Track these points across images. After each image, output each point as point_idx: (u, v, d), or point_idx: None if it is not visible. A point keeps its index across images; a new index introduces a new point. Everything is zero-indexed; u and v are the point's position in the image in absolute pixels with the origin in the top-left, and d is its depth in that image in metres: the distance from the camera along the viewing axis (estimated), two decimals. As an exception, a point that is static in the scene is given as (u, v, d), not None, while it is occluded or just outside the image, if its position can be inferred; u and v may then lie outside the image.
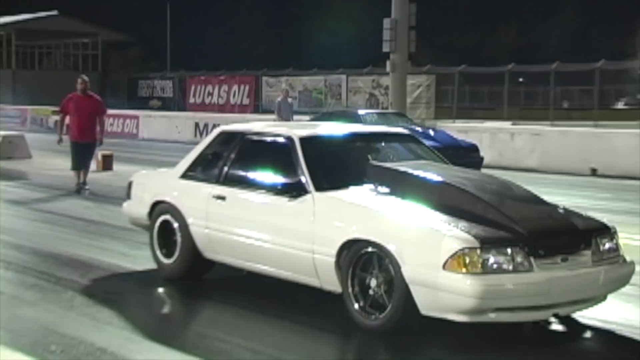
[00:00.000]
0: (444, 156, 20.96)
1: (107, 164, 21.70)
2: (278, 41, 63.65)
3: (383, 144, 9.18)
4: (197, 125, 37.23)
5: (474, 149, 21.64)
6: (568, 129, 26.80)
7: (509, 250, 6.77)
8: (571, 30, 68.60)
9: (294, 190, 7.99)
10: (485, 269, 6.66)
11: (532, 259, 6.80)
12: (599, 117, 29.96)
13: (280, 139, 8.58)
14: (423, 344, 7.04)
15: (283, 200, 8.05)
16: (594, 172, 23.51)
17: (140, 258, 10.34)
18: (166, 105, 47.40)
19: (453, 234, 6.83)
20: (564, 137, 25.41)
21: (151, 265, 9.75)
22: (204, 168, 9.24)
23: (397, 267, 6.98)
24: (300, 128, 9.11)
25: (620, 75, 42.86)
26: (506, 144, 24.77)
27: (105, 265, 10.35)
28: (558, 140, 25.26)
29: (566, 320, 7.56)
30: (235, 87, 45.36)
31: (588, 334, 7.57)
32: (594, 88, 32.85)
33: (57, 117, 21.19)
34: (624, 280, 7.50)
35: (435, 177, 7.88)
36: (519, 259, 6.76)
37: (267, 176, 8.40)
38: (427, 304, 6.86)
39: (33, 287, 9.25)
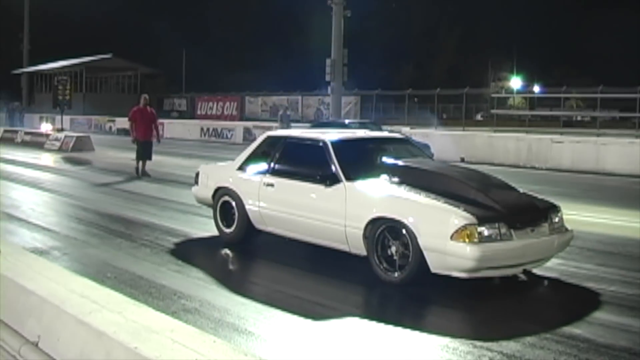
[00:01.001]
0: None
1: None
2: (255, 72, 63.40)
3: (388, 145, 8.49)
4: (202, 129, 36.99)
5: (426, 147, 20.99)
6: (446, 132, 27.02)
7: (496, 225, 6.43)
8: (448, 66, 69.20)
9: (329, 180, 7.40)
10: (481, 239, 6.31)
11: (512, 231, 6.49)
12: (465, 125, 30.21)
13: (316, 143, 7.91)
14: (429, 293, 6.68)
15: (321, 188, 7.45)
16: (462, 160, 23.76)
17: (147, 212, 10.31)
18: (182, 115, 46.86)
19: (458, 213, 6.42)
20: (444, 137, 25.54)
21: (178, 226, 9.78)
22: (256, 163, 8.50)
23: (414, 237, 6.54)
24: (328, 134, 8.30)
25: (478, 97, 43.35)
26: (405, 141, 24.98)
27: (141, 222, 10.36)
28: (440, 139, 25.44)
29: (525, 272, 7.23)
30: (227, 104, 45.06)
31: (542, 281, 7.27)
32: (462, 105, 33.12)
33: (111, 123, 20.96)
34: (567, 244, 7.30)
35: (434, 169, 7.52)
36: (503, 230, 6.44)
37: (307, 169, 7.71)
38: (437, 264, 6.47)
39: (95, 235, 9.29)
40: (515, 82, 63.83)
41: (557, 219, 7.07)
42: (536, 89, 48.76)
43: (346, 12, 27.90)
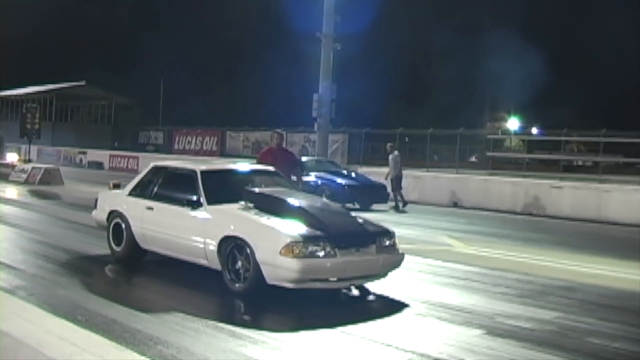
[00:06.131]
0: (362, 192, 21.36)
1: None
2: (237, 106, 63.60)
3: (256, 176, 10.04)
4: (180, 164, 36.91)
5: (383, 187, 21.67)
6: (438, 174, 27.11)
7: (321, 244, 7.81)
8: (442, 106, 69.80)
9: (195, 204, 8.93)
10: (305, 255, 7.69)
11: (336, 249, 7.86)
12: (458, 167, 30.39)
13: (189, 172, 9.50)
14: (267, 301, 7.96)
15: (188, 210, 8.96)
16: (455, 205, 23.88)
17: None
18: (158, 149, 46.85)
19: (286, 233, 7.86)
20: (436, 180, 25.72)
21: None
22: (142, 189, 10.10)
23: (253, 253, 7.99)
24: (201, 164, 10.02)
25: (473, 138, 43.65)
26: (396, 183, 25.03)
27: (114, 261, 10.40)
28: (431, 181, 25.60)
29: (361, 288, 8.74)
30: (207, 138, 45.06)
31: (372, 296, 8.63)
32: (455, 147, 33.36)
33: (82, 155, 20.83)
34: (396, 264, 8.62)
35: (282, 197, 8.80)
36: (328, 249, 7.81)
37: (179, 195, 9.20)
38: (270, 276, 7.86)
39: (64, 274, 9.24)
40: (513, 123, 64.50)
41: (387, 242, 8.46)
42: (534, 130, 49.17)
43: (336, 45, 28.12)
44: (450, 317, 7.69)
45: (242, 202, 8.77)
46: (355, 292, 8.72)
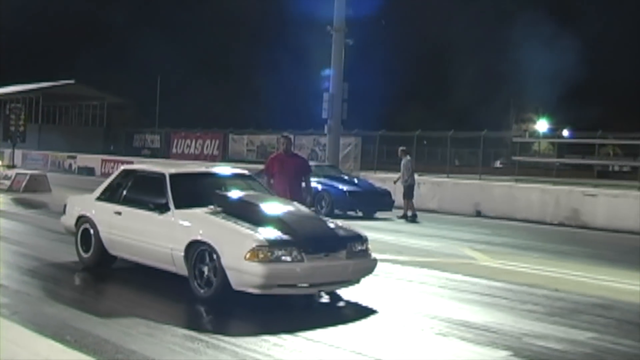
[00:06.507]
0: (365, 199, 21.45)
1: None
2: (241, 106, 63.73)
3: (229, 180, 10.46)
4: (178, 169, 36.90)
5: (387, 193, 21.84)
6: (460, 180, 27.04)
7: (288, 248, 8.22)
8: (464, 106, 69.63)
9: (163, 208, 9.33)
10: (271, 260, 8.09)
11: (303, 254, 8.25)
12: (482, 172, 30.31)
13: (158, 175, 9.92)
14: (234, 309, 8.42)
15: (155, 215, 9.36)
16: (478, 214, 23.81)
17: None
18: (154, 154, 46.96)
19: (251, 237, 8.27)
20: (457, 186, 25.67)
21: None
22: (111, 193, 10.53)
23: (218, 257, 8.35)
24: (171, 167, 10.43)
25: (498, 141, 43.60)
26: (414, 191, 24.85)
27: (106, 275, 10.39)
28: (452, 189, 25.54)
29: (333, 294, 9.18)
30: (207, 142, 45.14)
31: (342, 303, 9.08)
32: (478, 150, 33.28)
33: (72, 160, 20.80)
34: (368, 271, 9.06)
35: (250, 201, 9.20)
36: (294, 253, 8.21)
37: (148, 198, 9.63)
38: (236, 282, 8.24)
39: (51, 290, 9.26)
40: (542, 125, 64.36)
41: (359, 248, 8.87)
42: (565, 132, 49.10)
43: (348, 40, 28.13)
44: (474, 337, 7.64)
45: (212, 207, 9.19)
46: (325, 298, 9.18)
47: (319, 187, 20.44)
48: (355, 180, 22.47)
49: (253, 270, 8.06)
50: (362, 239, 9.01)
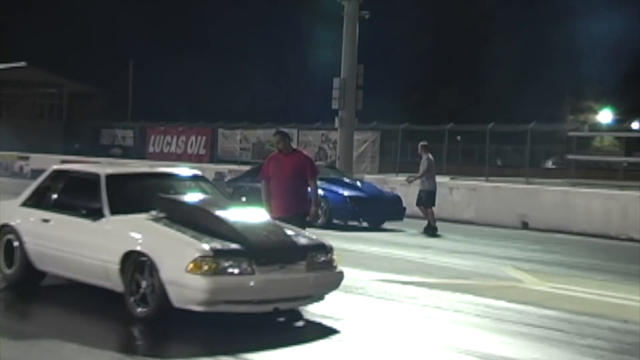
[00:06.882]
0: (370, 206, 21.56)
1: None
2: (232, 95, 63.71)
3: (176, 181, 10.92)
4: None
5: (397, 200, 21.97)
6: (502, 184, 26.97)
7: (236, 259, 8.52)
8: (505, 93, 69.38)
9: (96, 214, 9.65)
10: (216, 272, 8.38)
11: (254, 266, 8.58)
12: (529, 175, 30.24)
13: (93, 176, 10.25)
14: (174, 329, 8.78)
15: (88, 222, 9.65)
16: (525, 226, 23.71)
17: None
18: (127, 153, 46.98)
19: (194, 246, 8.58)
20: (498, 192, 25.62)
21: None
22: (39, 198, 10.80)
23: (156, 270, 8.62)
24: (108, 167, 11.01)
25: (550, 135, 43.40)
26: (445, 197, 24.68)
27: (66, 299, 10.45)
28: (492, 195, 25.47)
29: (293, 312, 9.53)
30: (192, 138, 45.15)
31: (302, 322, 9.46)
32: (525, 148, 33.22)
33: (23, 162, 20.77)
34: (333, 285, 9.41)
35: (197, 205, 9.60)
36: (244, 265, 8.52)
37: (80, 204, 9.95)
38: (177, 298, 8.52)
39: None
40: (605, 116, 64.08)
41: (322, 259, 9.19)
42: (635, 125, 48.88)
43: (363, 13, 28.04)
44: (521, 380, 7.58)
45: (154, 212, 9.53)
46: (281, 317, 9.46)
47: None
48: (359, 184, 22.63)
49: (195, 284, 8.32)
50: (326, 249, 9.34)
